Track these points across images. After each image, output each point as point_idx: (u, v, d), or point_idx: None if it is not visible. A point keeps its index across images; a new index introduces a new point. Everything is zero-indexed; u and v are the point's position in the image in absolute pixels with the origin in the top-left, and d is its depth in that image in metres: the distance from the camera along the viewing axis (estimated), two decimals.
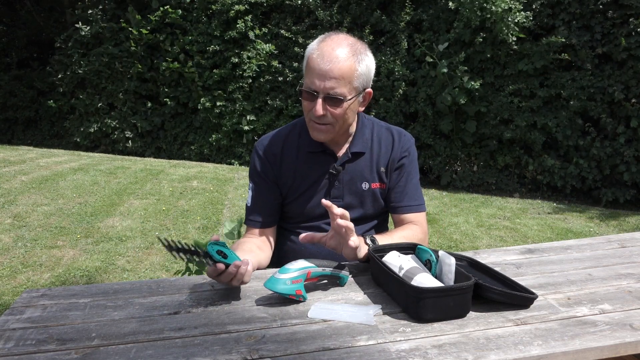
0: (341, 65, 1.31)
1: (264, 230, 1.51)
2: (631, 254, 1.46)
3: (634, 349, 0.97)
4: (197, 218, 4.79)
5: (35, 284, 3.25)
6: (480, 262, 1.26)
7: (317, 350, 0.92)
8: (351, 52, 1.34)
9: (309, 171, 1.49)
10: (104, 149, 9.27)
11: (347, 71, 1.32)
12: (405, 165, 1.53)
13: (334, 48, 1.33)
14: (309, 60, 1.36)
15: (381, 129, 1.55)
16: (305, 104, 1.39)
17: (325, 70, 1.31)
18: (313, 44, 1.38)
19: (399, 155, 1.52)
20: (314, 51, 1.35)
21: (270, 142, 1.53)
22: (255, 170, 1.53)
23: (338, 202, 1.48)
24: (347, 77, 1.33)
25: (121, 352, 0.92)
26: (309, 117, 1.40)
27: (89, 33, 8.84)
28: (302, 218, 1.52)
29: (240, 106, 7.97)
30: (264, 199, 1.51)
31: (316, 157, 1.49)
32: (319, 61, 1.32)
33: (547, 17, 6.06)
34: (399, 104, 6.91)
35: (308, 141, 1.49)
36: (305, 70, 1.38)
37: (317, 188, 1.49)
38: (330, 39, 1.36)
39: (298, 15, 7.80)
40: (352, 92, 1.36)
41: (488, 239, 4.44)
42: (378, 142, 1.52)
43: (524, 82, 6.19)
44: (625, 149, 5.69)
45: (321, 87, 1.32)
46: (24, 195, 5.39)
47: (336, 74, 1.31)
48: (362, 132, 1.51)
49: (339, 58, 1.31)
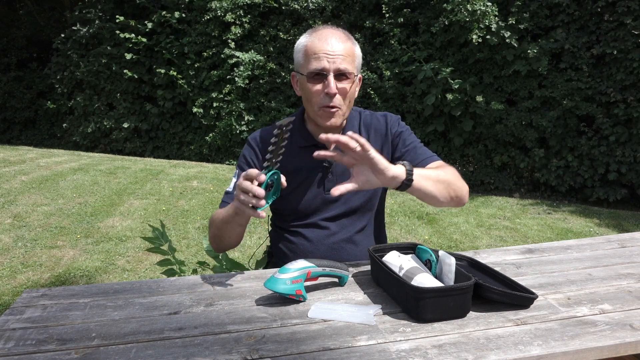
0: (345, 44, 1.38)
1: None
2: (631, 254, 1.46)
3: (634, 349, 0.97)
4: (197, 218, 4.79)
5: (35, 284, 3.25)
6: (480, 262, 1.26)
7: (317, 350, 0.92)
8: (346, 35, 1.41)
9: (302, 165, 1.49)
10: (103, 148, 9.28)
11: (349, 50, 1.39)
12: (403, 133, 1.52)
13: (332, 32, 1.39)
14: (308, 47, 1.38)
15: (366, 116, 1.57)
16: (313, 89, 1.38)
17: (331, 50, 1.35)
18: (304, 37, 1.42)
19: (391, 132, 1.53)
20: (310, 40, 1.38)
21: (263, 135, 1.53)
22: (244, 159, 1.52)
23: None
24: (350, 55, 1.39)
25: (121, 352, 0.92)
26: (318, 104, 1.39)
27: (87, 34, 8.84)
28: (297, 215, 1.51)
29: (237, 107, 7.97)
30: None
31: (309, 151, 1.48)
32: (322, 44, 1.36)
33: (545, 18, 6.07)
34: (393, 103, 6.94)
35: (301, 136, 1.50)
36: (304, 59, 1.39)
37: (311, 182, 1.49)
38: (321, 28, 1.41)
39: (296, 18, 7.82)
40: (355, 71, 1.41)
41: (488, 239, 4.44)
42: (366, 129, 1.53)
43: (520, 83, 6.21)
44: (620, 148, 5.71)
45: (331, 66, 1.35)
46: (24, 195, 5.39)
47: (342, 52, 1.36)
48: (351, 124, 1.53)
49: (340, 39, 1.38)
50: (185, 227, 4.49)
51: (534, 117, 6.13)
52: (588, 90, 5.85)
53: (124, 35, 8.37)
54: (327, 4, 7.48)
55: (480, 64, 6.44)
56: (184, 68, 8.31)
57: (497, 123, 6.35)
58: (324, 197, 1.49)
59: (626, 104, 5.66)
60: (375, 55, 7.13)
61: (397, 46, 6.83)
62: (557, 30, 6.00)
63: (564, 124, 6.05)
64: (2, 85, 10.01)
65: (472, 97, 6.28)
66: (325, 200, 1.49)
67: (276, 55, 7.89)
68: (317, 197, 1.49)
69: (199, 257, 3.71)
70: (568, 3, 5.90)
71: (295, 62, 1.44)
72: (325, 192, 1.48)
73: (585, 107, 5.86)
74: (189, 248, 3.97)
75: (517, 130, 6.21)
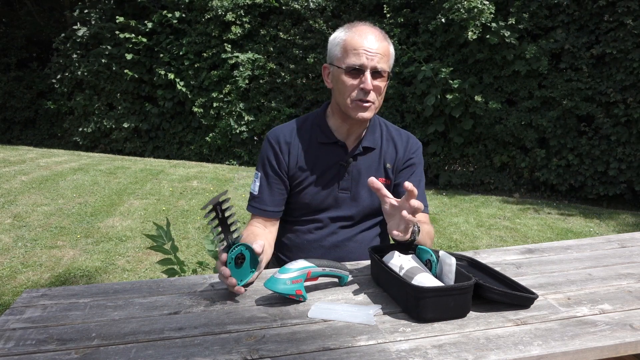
0: (382, 43, 1.40)
1: (269, 221, 1.51)
2: (631, 254, 1.46)
3: (634, 349, 0.97)
4: (197, 218, 4.79)
5: (35, 284, 3.25)
6: (480, 262, 1.26)
7: (317, 350, 0.92)
8: (383, 35, 1.43)
9: (319, 161, 1.50)
10: (103, 148, 9.28)
11: (386, 49, 1.41)
12: (416, 164, 1.56)
13: (371, 30, 1.40)
14: (347, 42, 1.39)
15: (391, 129, 1.59)
16: (349, 83, 1.40)
17: (371, 47, 1.37)
18: (341, 32, 1.43)
19: (407, 156, 1.55)
20: (349, 36, 1.39)
21: (283, 131, 1.54)
22: (266, 160, 1.52)
23: (346, 194, 1.50)
24: (387, 55, 1.41)
25: (121, 352, 0.92)
26: (352, 97, 1.41)
27: (87, 34, 8.84)
28: (307, 210, 1.52)
29: (237, 107, 7.97)
30: (271, 189, 1.51)
31: (328, 148, 1.51)
32: (362, 40, 1.37)
33: (544, 18, 6.07)
34: (393, 103, 6.94)
35: (322, 133, 1.51)
36: (342, 53, 1.40)
37: (327, 179, 1.50)
38: (359, 24, 1.42)
39: (296, 18, 7.82)
40: (389, 70, 1.43)
41: (488, 239, 4.44)
42: (387, 140, 1.55)
43: (520, 83, 6.21)
44: (621, 148, 5.72)
45: (369, 63, 1.37)
46: (24, 195, 5.39)
47: (381, 51, 1.38)
48: (373, 129, 1.54)
49: (379, 37, 1.40)
50: (185, 227, 4.49)
51: (534, 117, 6.13)
52: (588, 91, 5.85)
53: (124, 35, 8.37)
54: (328, 3, 7.48)
55: (480, 64, 6.44)
56: (183, 68, 8.31)
57: (497, 123, 6.35)
58: (337, 195, 1.50)
59: (626, 105, 5.66)
60: None
61: (397, 46, 6.83)
62: (557, 30, 6.00)
63: (564, 124, 6.05)
64: (2, 85, 10.01)
65: (472, 97, 6.28)
66: (338, 198, 1.50)
67: (276, 55, 7.89)
68: (330, 195, 1.50)
69: (199, 257, 3.71)
70: (568, 3, 5.90)
71: (331, 55, 1.44)
72: (339, 191, 1.50)
73: (585, 107, 5.87)
74: (189, 248, 3.97)
75: (517, 130, 6.21)
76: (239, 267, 1.13)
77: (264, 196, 1.51)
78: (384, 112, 6.92)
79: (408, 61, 6.75)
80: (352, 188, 1.51)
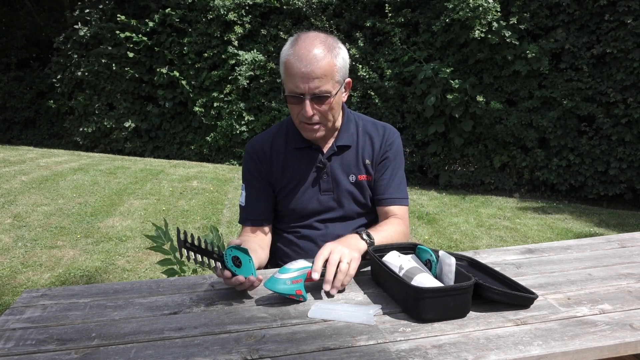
0: (321, 64, 1.32)
1: (260, 229, 1.54)
2: (631, 254, 1.46)
3: (634, 349, 0.97)
4: (197, 218, 4.80)
5: (35, 284, 3.25)
6: (480, 262, 1.26)
7: (317, 350, 0.92)
8: (326, 49, 1.35)
9: (298, 166, 1.52)
10: (103, 148, 9.28)
11: (327, 69, 1.34)
12: (390, 159, 1.55)
13: (309, 49, 1.33)
14: (286, 65, 1.36)
15: (367, 123, 1.58)
16: (292, 108, 1.40)
17: (307, 72, 1.32)
18: (286, 48, 1.38)
19: (384, 148, 1.55)
20: (290, 56, 1.35)
21: (260, 141, 1.56)
22: (247, 170, 1.56)
23: (329, 195, 1.51)
24: (329, 74, 1.34)
25: (121, 352, 0.92)
26: (298, 119, 1.42)
27: (87, 34, 8.84)
28: (294, 216, 1.54)
29: (238, 107, 7.97)
30: (257, 197, 1.54)
31: (303, 153, 1.52)
32: (298, 65, 1.32)
33: (545, 18, 6.07)
34: (394, 103, 6.94)
35: (295, 138, 1.52)
36: (284, 76, 1.38)
37: (307, 183, 1.52)
38: (302, 40, 1.36)
39: (297, 17, 7.81)
40: (336, 86, 1.38)
41: (488, 239, 4.44)
42: (363, 135, 1.55)
43: (520, 83, 6.20)
44: (621, 148, 5.72)
45: (306, 89, 1.33)
46: (24, 195, 5.39)
47: (318, 74, 1.32)
48: (347, 127, 1.54)
49: (317, 57, 1.32)
50: (185, 227, 4.49)
51: (534, 117, 6.13)
52: (588, 91, 5.85)
53: (124, 35, 8.37)
54: (329, 2, 7.48)
55: (481, 64, 6.43)
56: (184, 68, 8.31)
57: (497, 123, 6.35)
58: (320, 199, 1.51)
59: (626, 105, 5.66)
60: (375, 55, 7.13)
61: (398, 46, 6.82)
62: (557, 30, 6.00)
63: (564, 124, 6.05)
64: (2, 85, 10.00)
65: (472, 97, 6.28)
66: (321, 201, 1.52)
67: (276, 55, 7.89)
68: (313, 198, 1.52)
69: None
70: (568, 3, 5.90)
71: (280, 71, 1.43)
72: (321, 193, 1.51)
73: (586, 107, 5.86)
74: None
75: (517, 130, 6.21)
76: (240, 266, 1.13)
77: (251, 206, 1.53)
78: (384, 112, 6.92)
79: (408, 61, 6.75)
80: (333, 189, 1.52)
